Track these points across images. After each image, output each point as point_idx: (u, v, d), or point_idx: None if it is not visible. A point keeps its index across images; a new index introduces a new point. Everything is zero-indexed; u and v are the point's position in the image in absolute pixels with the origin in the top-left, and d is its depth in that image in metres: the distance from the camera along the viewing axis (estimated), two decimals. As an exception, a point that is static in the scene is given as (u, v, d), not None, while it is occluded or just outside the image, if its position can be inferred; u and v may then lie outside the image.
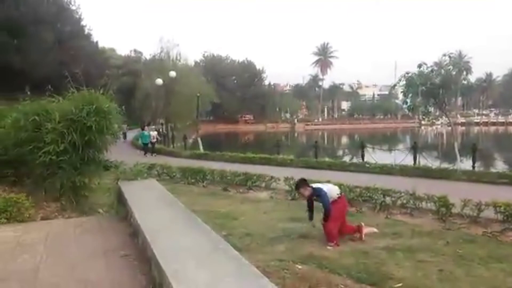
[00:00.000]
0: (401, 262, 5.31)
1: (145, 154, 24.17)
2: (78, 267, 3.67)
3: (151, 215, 4.25)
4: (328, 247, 5.89)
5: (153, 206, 4.71)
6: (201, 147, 26.12)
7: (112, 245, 4.27)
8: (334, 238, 6.09)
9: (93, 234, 4.74)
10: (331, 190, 6.41)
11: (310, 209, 6.49)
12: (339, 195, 6.47)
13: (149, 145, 25.08)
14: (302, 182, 6.52)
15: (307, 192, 6.38)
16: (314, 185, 6.45)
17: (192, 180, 12.29)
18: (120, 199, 5.52)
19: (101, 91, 6.24)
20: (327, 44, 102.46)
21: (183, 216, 4.11)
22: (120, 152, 8.96)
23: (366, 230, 6.46)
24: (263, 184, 11.37)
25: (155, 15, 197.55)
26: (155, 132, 27.34)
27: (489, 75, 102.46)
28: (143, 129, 26.31)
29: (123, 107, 7.16)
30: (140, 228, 3.82)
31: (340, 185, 9.39)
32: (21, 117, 6.20)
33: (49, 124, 5.87)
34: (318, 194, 6.27)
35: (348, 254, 5.58)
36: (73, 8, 34.58)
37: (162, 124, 35.80)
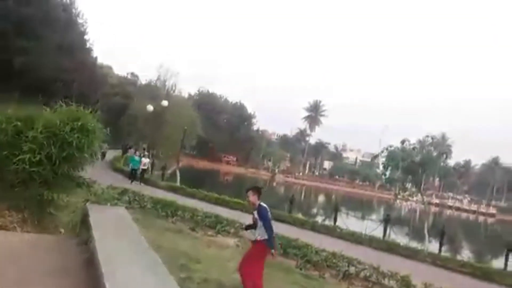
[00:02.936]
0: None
1: (130, 180, 21.84)
2: (22, 286, 3.54)
3: (112, 245, 4.16)
4: None
5: (116, 236, 4.61)
6: (178, 180, 25.73)
7: (64, 268, 4.14)
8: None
9: (47, 253, 4.60)
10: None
11: (251, 227, 6.02)
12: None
13: (138, 172, 22.82)
14: (257, 190, 6.11)
15: (252, 198, 5.96)
16: (264, 205, 5.97)
17: (162, 213, 12.06)
18: (84, 222, 5.39)
19: (90, 109, 6.25)
20: (320, 102, 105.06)
21: (143, 252, 4.04)
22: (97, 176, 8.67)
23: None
24: (232, 230, 11.24)
25: (155, 42, 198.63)
26: (148, 160, 25.18)
27: (468, 162, 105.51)
28: (125, 152, 25.07)
29: (109, 129, 7.08)
30: (97, 256, 3.74)
31: (307, 245, 9.44)
32: (3, 120, 6.12)
33: (31, 133, 5.80)
34: (262, 215, 5.76)
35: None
36: (80, 21, 35.28)
37: (144, 149, 35.53)
